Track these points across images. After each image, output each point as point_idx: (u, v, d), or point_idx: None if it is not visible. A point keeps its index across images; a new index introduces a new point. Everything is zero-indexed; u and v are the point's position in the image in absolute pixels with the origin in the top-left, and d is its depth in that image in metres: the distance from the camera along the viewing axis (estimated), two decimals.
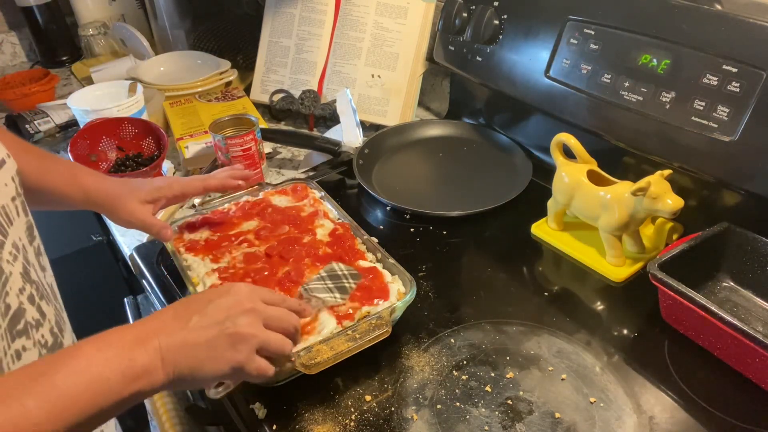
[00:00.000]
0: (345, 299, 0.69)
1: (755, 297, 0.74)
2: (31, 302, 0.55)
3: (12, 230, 0.55)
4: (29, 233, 0.59)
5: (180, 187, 0.81)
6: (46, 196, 0.74)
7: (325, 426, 0.63)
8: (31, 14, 1.62)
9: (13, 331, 0.52)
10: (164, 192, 0.80)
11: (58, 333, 0.59)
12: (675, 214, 0.73)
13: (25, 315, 0.54)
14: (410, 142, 1.16)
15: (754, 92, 0.71)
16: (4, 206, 0.55)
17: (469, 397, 0.65)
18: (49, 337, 0.57)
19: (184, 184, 0.81)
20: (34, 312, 0.55)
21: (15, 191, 0.57)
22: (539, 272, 0.85)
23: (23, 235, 0.57)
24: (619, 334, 0.73)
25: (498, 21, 1.02)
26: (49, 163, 0.74)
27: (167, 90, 1.31)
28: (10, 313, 0.52)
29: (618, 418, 0.62)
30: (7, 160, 0.57)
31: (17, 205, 0.57)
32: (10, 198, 0.56)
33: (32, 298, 0.55)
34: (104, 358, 0.47)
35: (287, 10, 1.28)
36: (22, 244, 0.56)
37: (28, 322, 0.54)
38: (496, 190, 0.97)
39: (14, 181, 0.58)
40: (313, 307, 0.68)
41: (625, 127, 0.85)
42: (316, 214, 0.86)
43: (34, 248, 0.59)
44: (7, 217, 0.55)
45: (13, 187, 0.57)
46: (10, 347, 0.51)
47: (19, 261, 0.55)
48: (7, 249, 0.53)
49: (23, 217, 0.58)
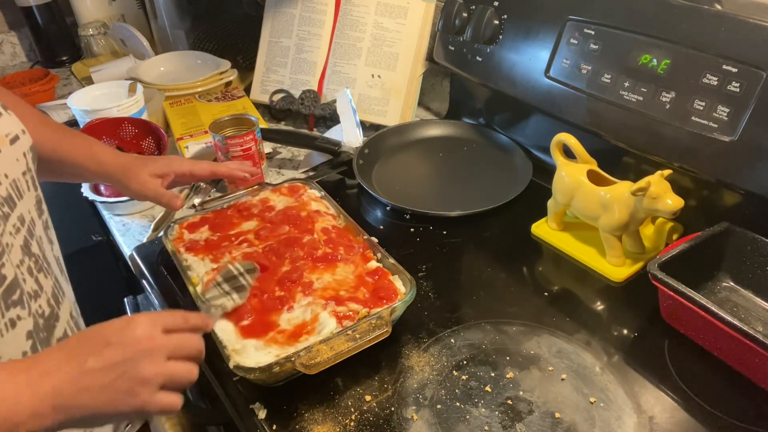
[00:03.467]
0: (244, 298, 0.70)
1: (755, 297, 0.74)
2: (30, 274, 0.58)
3: (21, 204, 0.58)
4: (38, 207, 0.62)
5: (189, 165, 0.84)
6: (62, 167, 0.77)
7: (325, 426, 0.63)
8: (31, 14, 1.62)
9: (8, 300, 0.54)
10: (174, 167, 0.83)
11: (54, 305, 0.62)
12: (675, 214, 0.73)
13: (23, 285, 0.56)
14: (410, 142, 1.16)
15: (754, 92, 0.71)
16: (16, 180, 0.58)
17: (469, 397, 0.65)
18: (46, 308, 0.60)
19: (193, 164, 0.85)
20: (33, 283, 0.58)
21: (26, 166, 0.60)
22: (539, 272, 0.85)
23: (32, 208, 0.60)
24: (619, 334, 0.73)
25: (498, 21, 1.02)
26: (66, 135, 0.78)
27: (167, 90, 1.31)
28: (5, 283, 0.54)
29: (618, 418, 0.62)
30: (21, 136, 0.60)
31: (27, 180, 0.60)
32: (21, 172, 0.59)
33: (31, 270, 0.58)
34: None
35: (287, 10, 1.28)
36: (30, 217, 0.59)
37: (27, 292, 0.57)
38: (496, 190, 0.97)
39: (26, 156, 0.60)
40: (213, 315, 0.66)
41: (625, 127, 0.85)
42: (316, 214, 0.86)
43: (42, 221, 0.62)
44: (18, 191, 0.58)
45: (24, 162, 0.60)
46: (4, 316, 0.54)
47: (22, 234, 0.57)
48: (11, 222, 0.56)
49: (33, 191, 0.61)
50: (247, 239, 0.82)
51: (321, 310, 0.69)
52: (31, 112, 0.74)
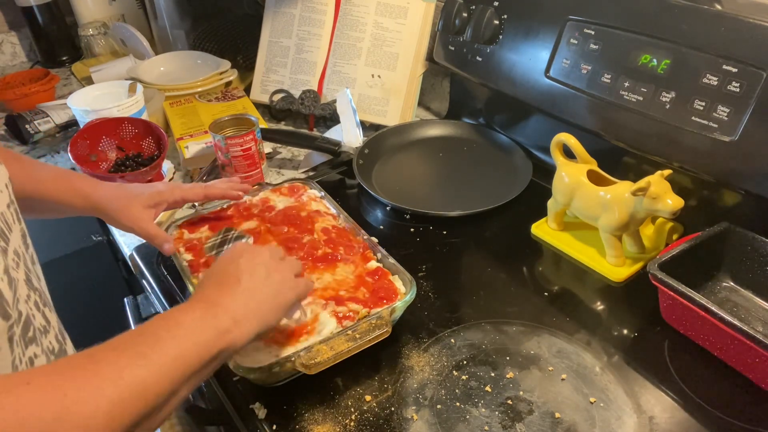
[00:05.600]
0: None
1: (755, 297, 0.74)
2: (37, 309, 0.55)
3: (12, 237, 0.55)
4: (23, 241, 0.58)
5: (181, 192, 0.81)
6: (44, 204, 0.73)
7: (325, 426, 0.63)
8: (31, 14, 1.62)
9: (25, 338, 0.51)
10: (165, 196, 0.79)
11: (62, 340, 0.59)
12: (675, 214, 0.73)
13: (33, 322, 0.53)
14: (410, 142, 1.16)
15: (754, 92, 0.71)
16: (2, 213, 0.54)
17: (469, 397, 0.65)
18: (55, 344, 0.57)
19: (186, 190, 0.82)
20: (41, 319, 0.55)
21: (9, 198, 0.56)
22: (539, 272, 0.85)
23: (20, 243, 0.57)
24: (619, 334, 0.73)
25: (498, 21, 1.02)
26: (40, 170, 0.74)
27: (167, 90, 1.31)
28: (22, 319, 0.51)
29: (618, 418, 0.62)
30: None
31: (12, 213, 0.56)
32: (5, 205, 0.55)
33: (37, 305, 0.55)
34: (199, 321, 0.51)
35: (287, 10, 1.28)
36: (21, 252, 0.56)
37: (36, 329, 0.54)
38: (496, 190, 0.97)
39: (8, 188, 0.57)
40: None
41: (625, 127, 0.85)
42: (316, 214, 0.86)
43: (29, 256, 0.59)
44: (6, 225, 0.54)
45: (7, 194, 0.56)
46: (24, 354, 0.51)
47: (21, 268, 0.54)
48: (10, 256, 0.53)
49: (18, 224, 0.57)
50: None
51: (321, 310, 0.69)
52: (1, 149, 0.70)
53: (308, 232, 0.82)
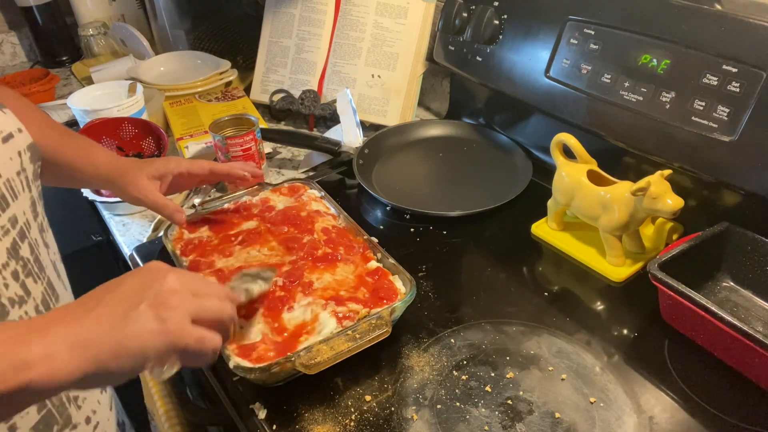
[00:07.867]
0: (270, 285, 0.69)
1: (755, 297, 0.74)
2: (15, 278, 0.53)
3: (14, 204, 0.55)
4: (33, 208, 0.58)
5: (187, 165, 0.82)
6: (61, 170, 0.74)
7: (325, 426, 0.63)
8: (31, 14, 1.62)
9: None
10: (171, 168, 0.80)
11: (44, 311, 0.57)
12: (675, 214, 0.73)
13: (6, 291, 0.52)
14: (410, 142, 1.16)
15: (754, 92, 0.71)
16: (10, 180, 0.55)
17: (469, 397, 0.65)
18: (33, 314, 0.55)
19: (192, 163, 0.83)
20: (17, 288, 0.53)
21: (20, 166, 0.57)
22: (539, 272, 0.85)
23: (27, 210, 0.57)
24: (619, 334, 0.73)
25: (498, 21, 1.02)
26: (68, 138, 0.75)
27: (167, 90, 1.31)
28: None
29: (618, 418, 0.62)
30: (16, 134, 0.57)
31: (22, 180, 0.57)
32: (15, 172, 0.56)
33: (16, 274, 0.53)
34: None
35: (287, 10, 1.28)
36: (25, 219, 0.56)
37: (9, 298, 0.52)
38: (496, 190, 0.97)
39: (21, 156, 0.57)
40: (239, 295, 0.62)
41: (625, 127, 0.85)
42: (316, 214, 0.86)
43: (38, 224, 0.59)
44: (12, 191, 0.55)
45: (19, 161, 0.57)
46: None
47: (11, 236, 0.54)
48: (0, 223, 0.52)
49: (28, 192, 0.58)
50: (247, 239, 0.82)
51: (321, 310, 0.69)
52: (37, 115, 0.71)
53: (308, 232, 0.82)
